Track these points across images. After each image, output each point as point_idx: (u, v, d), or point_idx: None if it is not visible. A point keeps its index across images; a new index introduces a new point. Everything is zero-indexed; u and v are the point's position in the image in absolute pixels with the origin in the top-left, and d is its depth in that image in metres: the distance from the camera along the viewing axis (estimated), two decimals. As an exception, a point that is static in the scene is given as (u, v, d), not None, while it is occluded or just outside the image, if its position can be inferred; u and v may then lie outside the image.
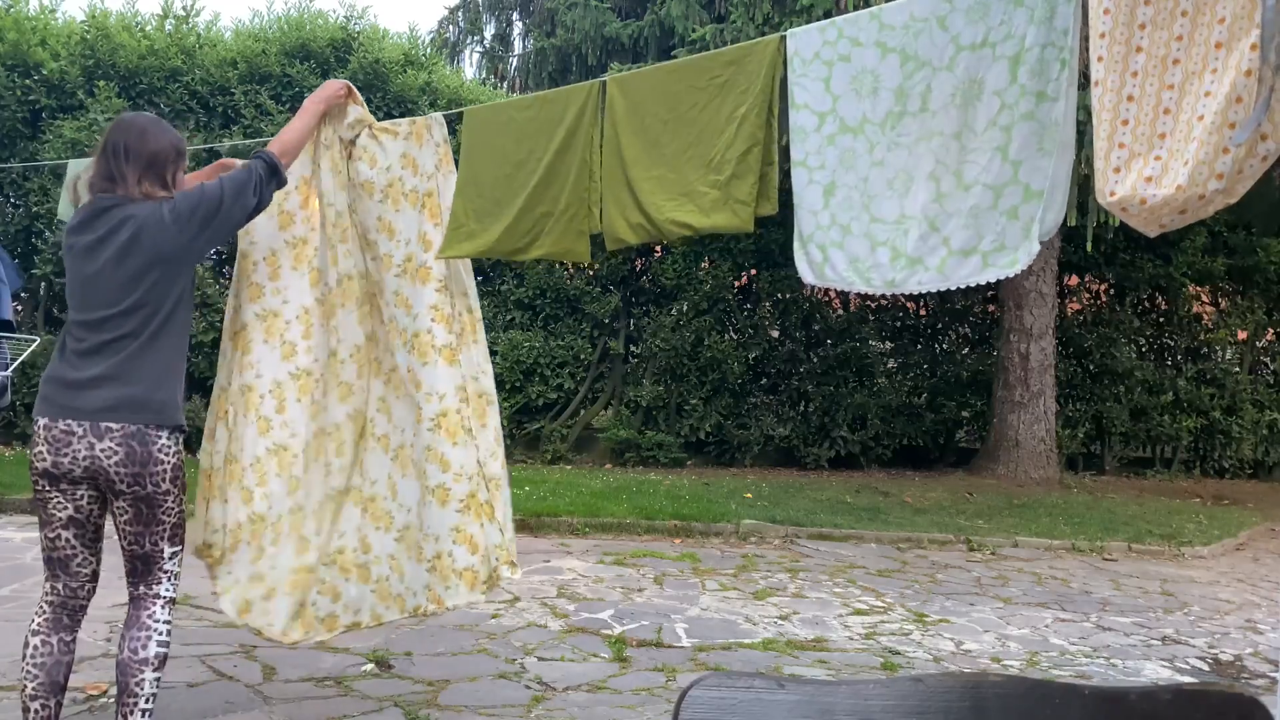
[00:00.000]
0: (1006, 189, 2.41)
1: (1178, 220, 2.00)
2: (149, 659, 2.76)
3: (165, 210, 2.72)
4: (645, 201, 3.04)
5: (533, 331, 10.27)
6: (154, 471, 2.69)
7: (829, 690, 1.12)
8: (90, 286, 2.72)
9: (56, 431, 2.67)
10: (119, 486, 2.68)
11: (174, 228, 2.72)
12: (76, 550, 2.78)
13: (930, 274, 2.52)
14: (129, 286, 2.69)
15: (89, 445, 2.64)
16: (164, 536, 2.79)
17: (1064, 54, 2.33)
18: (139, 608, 2.80)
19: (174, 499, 2.77)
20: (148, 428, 2.68)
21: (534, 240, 3.34)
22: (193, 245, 2.79)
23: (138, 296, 2.69)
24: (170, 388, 2.77)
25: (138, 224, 2.69)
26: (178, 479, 2.77)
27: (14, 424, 9.35)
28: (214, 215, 2.79)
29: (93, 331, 2.70)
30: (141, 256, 2.69)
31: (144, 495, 2.70)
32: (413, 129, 3.38)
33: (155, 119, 2.89)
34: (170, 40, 9.75)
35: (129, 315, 2.69)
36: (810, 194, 2.74)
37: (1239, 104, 1.83)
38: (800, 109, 2.74)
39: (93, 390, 2.66)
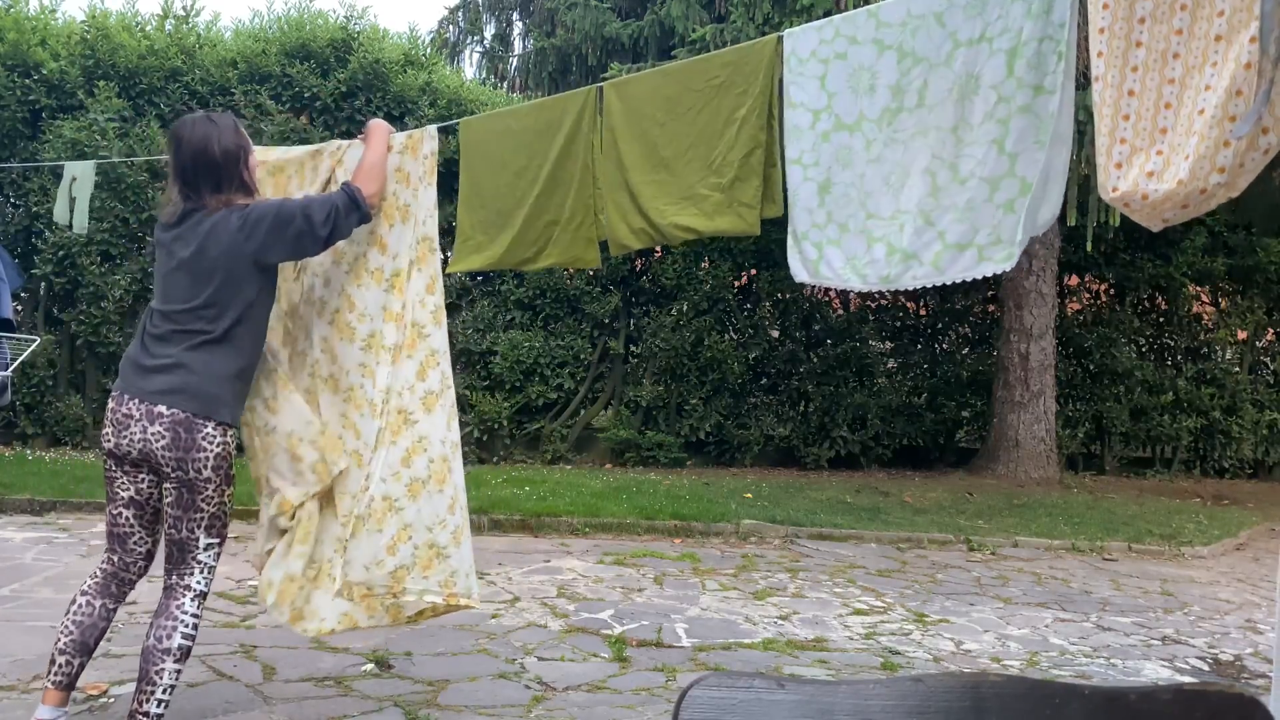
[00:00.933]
0: (1003, 182, 2.42)
1: (1180, 215, 2.00)
2: (171, 649, 2.86)
3: (235, 217, 2.89)
4: (646, 206, 3.04)
5: (533, 331, 10.27)
6: (196, 458, 2.84)
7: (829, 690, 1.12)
8: (169, 281, 2.94)
9: (120, 414, 2.87)
10: (165, 469, 2.86)
11: (240, 234, 2.88)
12: (134, 529, 3.02)
13: (925, 269, 2.53)
14: (199, 286, 2.87)
15: (143, 429, 2.83)
16: (200, 525, 2.92)
17: (1060, 47, 2.33)
18: (170, 597, 2.94)
19: (214, 488, 2.90)
20: (195, 416, 2.84)
21: (542, 249, 3.34)
22: (258, 255, 2.91)
23: (207, 296, 2.87)
24: (226, 385, 2.92)
25: (210, 227, 2.88)
26: (220, 469, 2.90)
27: (14, 424, 9.34)
28: (283, 231, 2.92)
29: (167, 321, 2.91)
30: (209, 259, 2.87)
31: (186, 480, 2.85)
32: (408, 142, 3.34)
33: (213, 122, 2.94)
34: (170, 40, 9.75)
35: (199, 312, 2.88)
36: (805, 191, 2.74)
37: (1239, 97, 1.83)
38: (795, 107, 2.75)
39: (156, 375, 2.86)
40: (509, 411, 10.10)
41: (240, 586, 5.16)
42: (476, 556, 6.23)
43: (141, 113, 9.50)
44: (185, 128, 2.92)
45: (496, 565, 6.00)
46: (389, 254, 3.32)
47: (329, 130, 9.67)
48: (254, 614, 4.71)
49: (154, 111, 9.51)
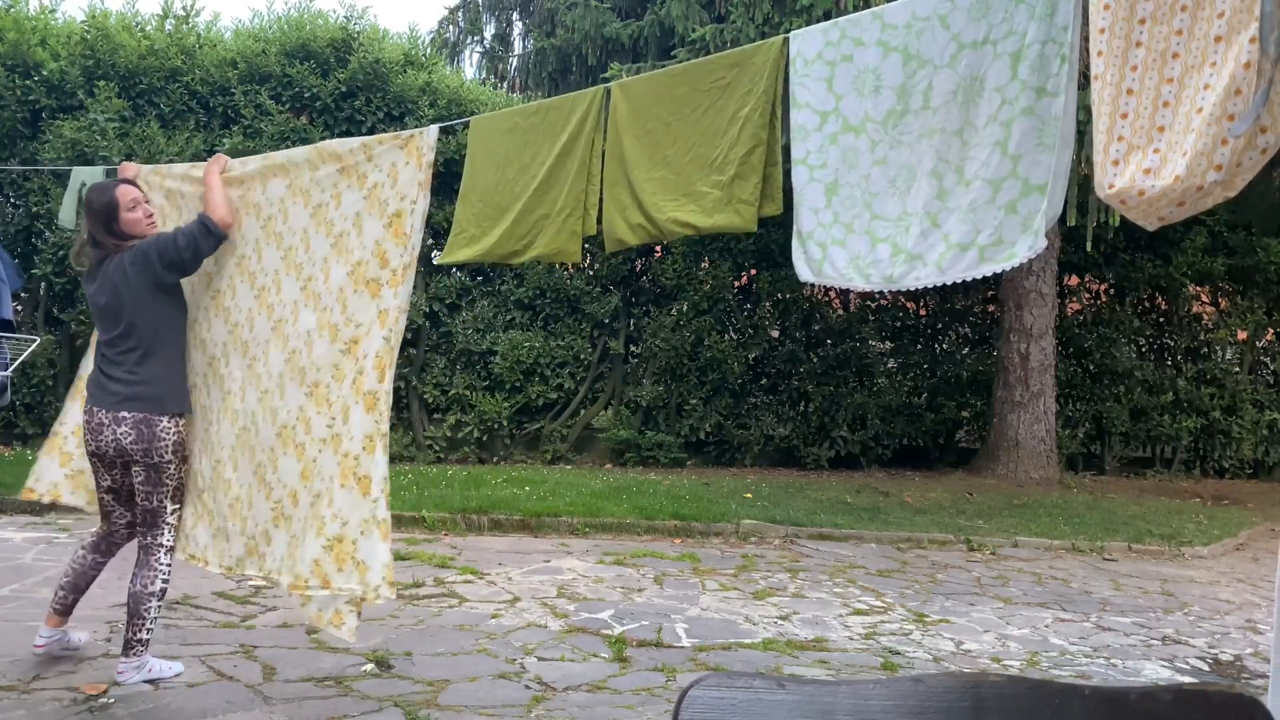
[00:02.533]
0: (1005, 183, 2.42)
1: (1176, 213, 2.00)
2: (155, 592, 3.64)
3: (127, 258, 3.63)
4: (646, 202, 3.04)
5: (533, 331, 10.26)
6: (158, 447, 3.61)
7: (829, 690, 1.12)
8: (99, 318, 3.73)
9: (93, 424, 3.63)
10: (135, 459, 3.62)
11: (132, 269, 3.61)
12: (114, 507, 3.85)
13: (929, 269, 2.53)
14: (118, 315, 3.64)
15: (112, 431, 3.59)
16: (167, 495, 3.69)
17: (1064, 49, 2.33)
18: (148, 554, 3.68)
19: (175, 466, 3.68)
20: (151, 414, 3.60)
21: (530, 243, 3.35)
22: (154, 281, 3.63)
23: (126, 322, 3.63)
24: (167, 384, 3.68)
25: (112, 268, 3.64)
26: (178, 451, 3.67)
27: (14, 424, 9.35)
28: (165, 257, 3.62)
29: (109, 348, 3.68)
30: (118, 293, 3.62)
31: (153, 464, 3.62)
32: (409, 142, 3.38)
33: (95, 188, 3.75)
34: (170, 40, 9.75)
35: (126, 336, 3.64)
36: (811, 192, 2.74)
37: (1238, 96, 1.83)
38: (802, 108, 2.75)
39: (114, 388, 3.62)
40: (509, 411, 10.10)
41: (240, 586, 5.16)
42: (477, 556, 6.26)
43: (141, 113, 9.49)
44: (86, 193, 3.77)
45: (496, 565, 6.00)
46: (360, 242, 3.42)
47: (329, 130, 9.68)
48: (254, 614, 4.71)
49: (154, 111, 9.51)
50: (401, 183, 3.36)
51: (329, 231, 3.50)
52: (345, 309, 3.42)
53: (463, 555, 6.23)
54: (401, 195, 3.35)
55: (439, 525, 6.99)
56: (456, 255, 3.54)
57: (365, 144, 3.46)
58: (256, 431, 3.62)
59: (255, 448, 3.62)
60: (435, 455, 10.03)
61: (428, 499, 7.39)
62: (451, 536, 6.84)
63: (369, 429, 3.32)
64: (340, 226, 3.47)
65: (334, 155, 3.52)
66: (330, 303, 3.46)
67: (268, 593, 5.08)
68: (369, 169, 3.42)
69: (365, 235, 3.40)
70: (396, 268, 3.35)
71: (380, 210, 3.38)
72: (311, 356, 3.47)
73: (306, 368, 3.48)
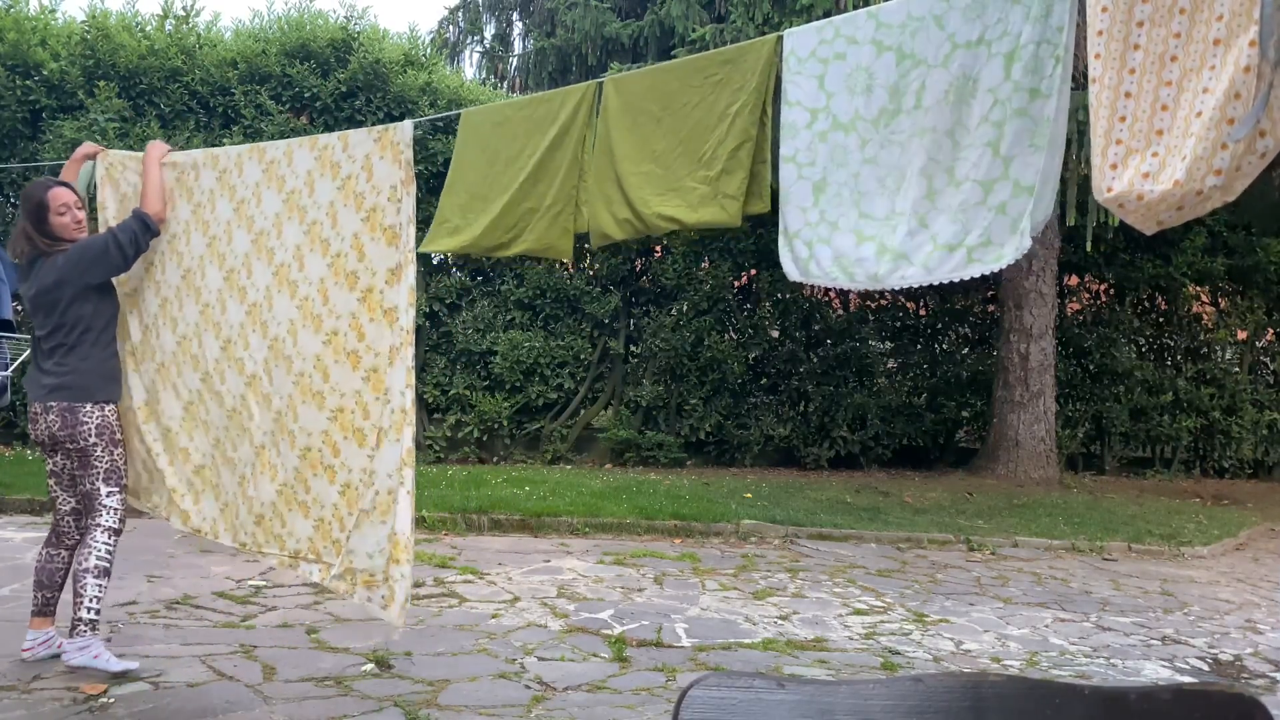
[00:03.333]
0: (996, 184, 2.42)
1: (1175, 217, 2.00)
2: (90, 569, 3.70)
3: (60, 259, 3.74)
4: (633, 197, 3.04)
5: (533, 331, 10.27)
6: (80, 432, 3.76)
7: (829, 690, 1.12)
8: (32, 311, 3.84)
9: (31, 414, 3.83)
10: (64, 445, 3.79)
11: (65, 268, 3.73)
12: (58, 493, 3.95)
13: (915, 269, 2.52)
14: (50, 312, 3.78)
15: (44, 420, 3.78)
16: (99, 478, 3.80)
17: (1058, 50, 2.33)
18: (88, 534, 3.77)
19: (102, 449, 3.79)
20: (74, 403, 3.76)
21: (517, 236, 3.33)
22: (83, 280, 3.75)
23: (56, 319, 3.77)
24: (92, 374, 3.79)
25: (44, 267, 3.77)
26: (103, 434, 3.79)
27: (14, 424, 9.34)
28: (99, 258, 3.74)
29: (43, 341, 3.84)
30: (51, 291, 3.74)
31: (79, 448, 3.77)
32: (383, 135, 3.29)
33: (32, 184, 3.83)
34: (170, 40, 9.75)
35: (56, 331, 3.78)
36: (799, 190, 2.74)
37: (1237, 100, 1.83)
38: (793, 106, 2.75)
39: (44, 379, 3.80)
40: (509, 411, 10.10)
41: (240, 586, 5.16)
42: (477, 556, 6.26)
43: (141, 113, 9.49)
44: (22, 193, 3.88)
45: (496, 565, 6.00)
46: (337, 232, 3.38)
47: (329, 130, 9.66)
48: (254, 614, 4.71)
49: (154, 111, 9.51)
50: (377, 177, 3.29)
51: (302, 219, 3.48)
52: (327, 300, 3.40)
53: (463, 555, 6.23)
54: (377, 190, 3.28)
55: (439, 525, 6.99)
56: (438, 244, 3.53)
57: (342, 135, 3.44)
58: (250, 415, 3.63)
59: (251, 430, 3.63)
60: (435, 455, 10.03)
61: (428, 499, 7.39)
62: (451, 536, 6.84)
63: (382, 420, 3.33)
64: (313, 215, 3.45)
65: (312, 143, 3.50)
66: (311, 293, 3.44)
67: (268, 592, 5.08)
68: (343, 159, 3.38)
69: (341, 227, 3.37)
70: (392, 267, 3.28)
71: (357, 203, 3.33)
72: (296, 346, 3.48)
73: (293, 357, 3.48)
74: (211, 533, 3.85)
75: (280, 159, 3.57)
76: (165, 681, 3.75)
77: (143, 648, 4.14)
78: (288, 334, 3.50)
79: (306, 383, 3.43)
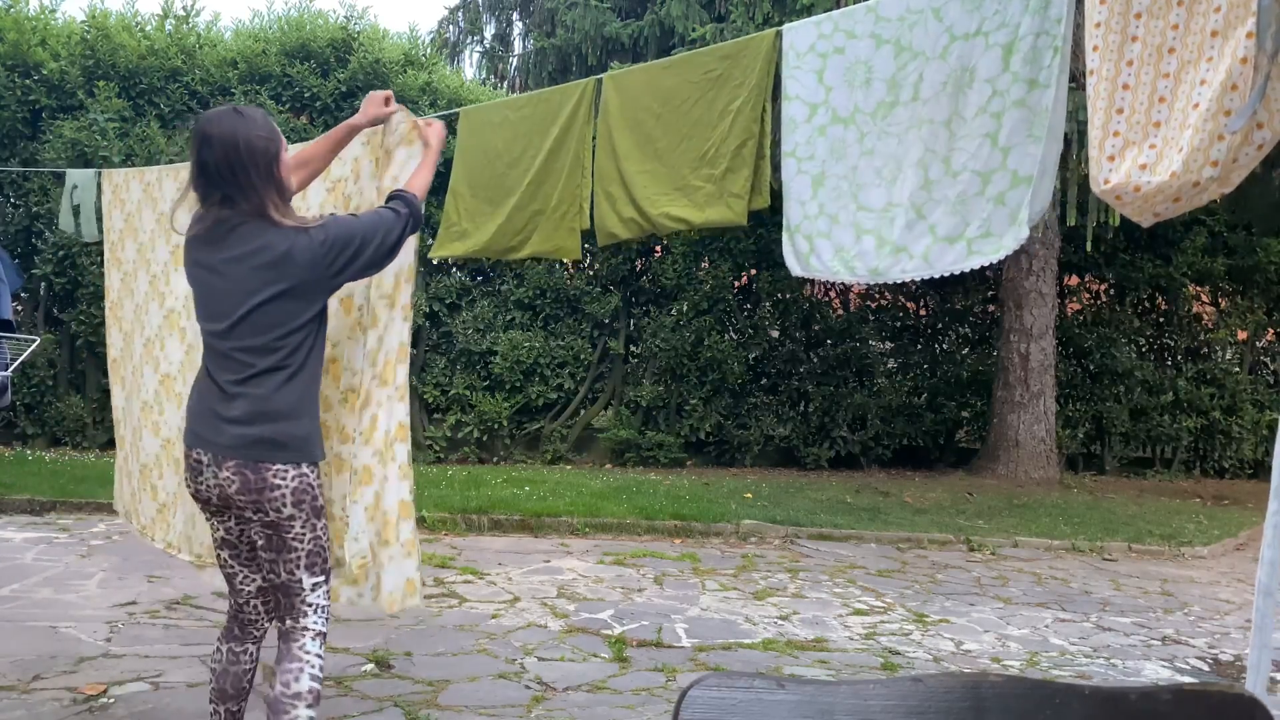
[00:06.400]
0: (995, 175, 2.42)
1: (1172, 209, 2.00)
2: (302, 693, 2.59)
3: (313, 238, 2.52)
4: (638, 196, 3.03)
5: (533, 331, 10.26)
6: (272, 497, 2.54)
7: (829, 690, 1.12)
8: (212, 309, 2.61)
9: (192, 459, 2.62)
10: (244, 511, 2.58)
11: (325, 257, 2.53)
12: (235, 569, 2.80)
13: (915, 261, 2.53)
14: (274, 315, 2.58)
15: (214, 474, 2.56)
16: (299, 565, 2.63)
17: (1056, 42, 2.34)
18: (288, 641, 2.67)
19: (301, 524, 2.60)
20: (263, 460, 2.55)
21: (526, 239, 3.33)
22: (340, 277, 2.62)
23: (289, 326, 2.57)
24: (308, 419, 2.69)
25: (286, 249, 2.50)
26: (301, 503, 2.57)
27: (14, 424, 9.34)
28: (367, 251, 2.60)
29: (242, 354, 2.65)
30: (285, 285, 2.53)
31: (269, 521, 2.57)
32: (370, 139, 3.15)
33: (242, 115, 2.53)
34: (170, 40, 9.75)
35: (275, 344, 2.56)
36: (799, 184, 2.74)
37: (1234, 91, 1.83)
38: (792, 100, 2.75)
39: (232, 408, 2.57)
40: (509, 411, 10.10)
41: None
42: (477, 556, 6.25)
43: (141, 113, 9.49)
44: (212, 123, 2.51)
45: (496, 565, 6.00)
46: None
47: (328, 130, 9.67)
48: (254, 614, 4.71)
49: (154, 111, 9.51)
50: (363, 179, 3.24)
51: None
52: None
53: (463, 555, 6.23)
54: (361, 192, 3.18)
55: (439, 525, 6.98)
56: (447, 250, 3.52)
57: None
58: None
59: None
60: (435, 455, 10.03)
61: (428, 499, 7.39)
62: (451, 536, 6.84)
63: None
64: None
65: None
66: None
67: (268, 593, 5.08)
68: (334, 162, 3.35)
69: None
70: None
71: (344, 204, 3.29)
72: None
73: None
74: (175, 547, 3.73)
75: None
76: (165, 682, 3.75)
77: (143, 648, 4.14)
78: None
79: None
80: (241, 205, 2.51)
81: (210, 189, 2.52)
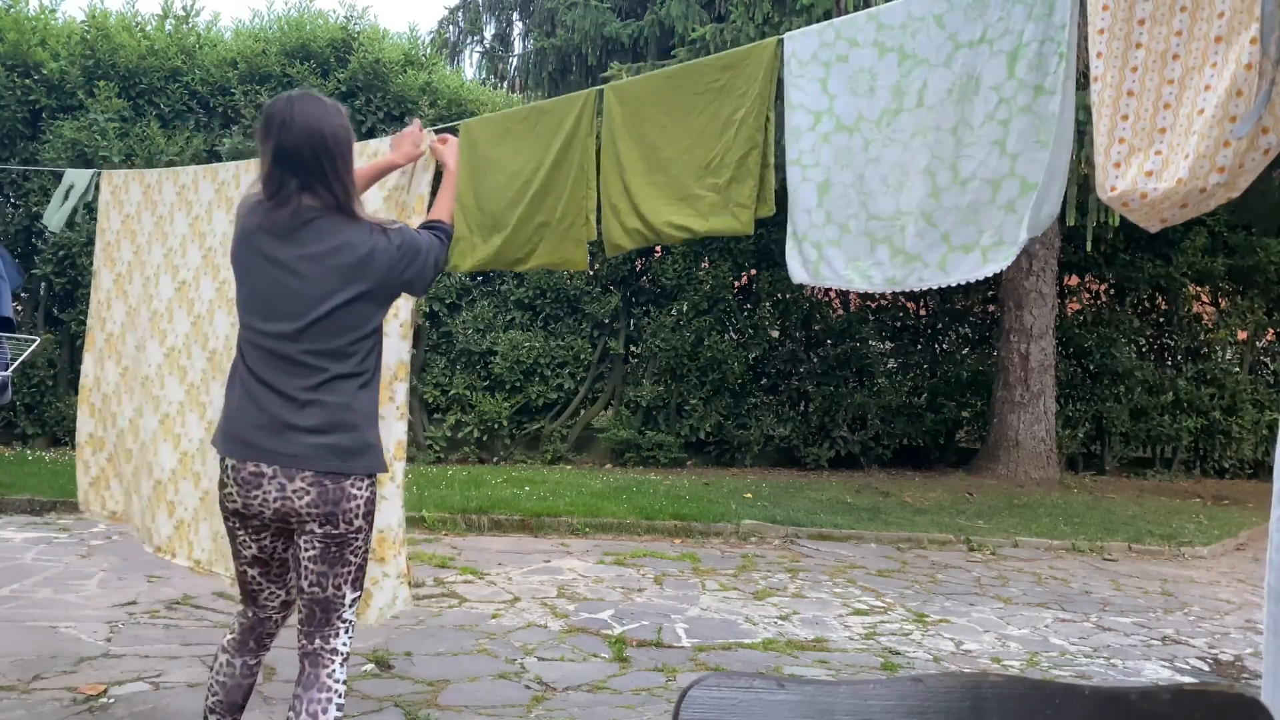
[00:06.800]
0: (1004, 182, 2.42)
1: (1178, 215, 2.00)
2: None
3: (391, 241, 2.45)
4: (643, 207, 3.04)
5: (533, 331, 10.27)
6: (348, 509, 2.41)
7: (829, 690, 1.12)
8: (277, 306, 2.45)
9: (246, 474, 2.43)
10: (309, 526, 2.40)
11: (400, 263, 2.46)
12: (263, 586, 2.63)
13: (931, 270, 2.53)
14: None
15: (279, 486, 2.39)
16: (347, 579, 2.47)
17: (1061, 48, 2.34)
18: (317, 665, 2.46)
19: (364, 537, 2.48)
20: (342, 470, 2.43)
21: (533, 250, 3.35)
22: (406, 289, 2.57)
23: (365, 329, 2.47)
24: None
25: (370, 249, 2.41)
26: (369, 514, 2.48)
27: (14, 424, 9.34)
28: (429, 266, 2.56)
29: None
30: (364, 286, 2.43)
31: (337, 534, 2.42)
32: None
33: (322, 101, 2.39)
34: (170, 40, 9.75)
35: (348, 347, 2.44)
36: (804, 192, 2.74)
37: (1239, 97, 1.83)
38: (796, 109, 2.75)
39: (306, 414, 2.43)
40: (509, 411, 10.10)
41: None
42: (477, 556, 6.26)
43: (141, 113, 9.49)
44: (294, 108, 2.35)
45: (496, 565, 6.00)
46: None
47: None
48: (254, 614, 4.71)
49: (154, 111, 9.51)
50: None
51: None
52: None
53: (463, 555, 6.23)
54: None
55: (439, 525, 6.99)
56: (464, 263, 3.56)
57: None
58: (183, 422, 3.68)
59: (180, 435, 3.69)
60: (435, 455, 10.03)
61: (428, 499, 7.39)
62: (451, 536, 6.84)
63: None
64: None
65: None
66: None
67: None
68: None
69: None
70: None
71: None
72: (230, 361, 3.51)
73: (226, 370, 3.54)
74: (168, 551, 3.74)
75: (229, 180, 3.70)
76: (165, 681, 3.75)
77: (143, 648, 4.14)
78: (223, 348, 3.58)
79: None
80: (322, 197, 2.37)
81: (288, 177, 2.35)
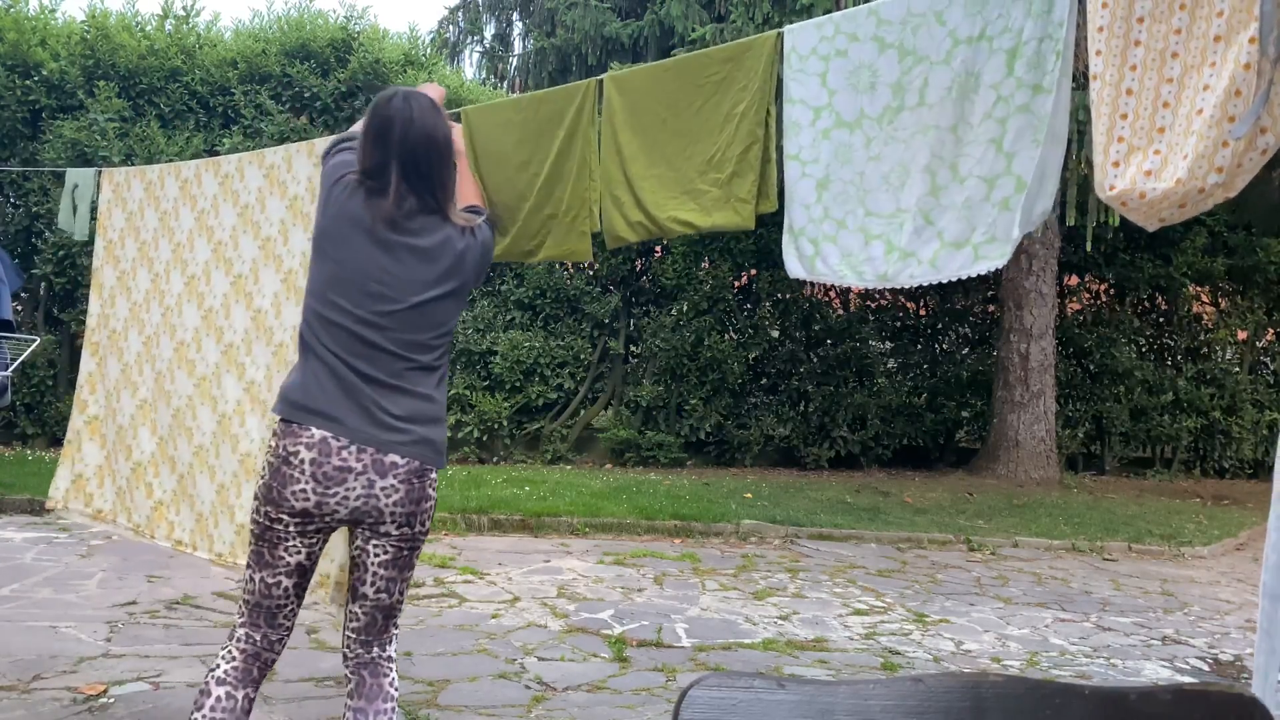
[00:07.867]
0: (999, 180, 2.42)
1: (1177, 214, 2.00)
2: None
3: (476, 239, 2.46)
4: (646, 200, 3.04)
5: (533, 331, 10.26)
6: (424, 509, 2.36)
7: (829, 690, 1.12)
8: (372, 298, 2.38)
9: (333, 466, 2.28)
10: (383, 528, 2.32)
11: (483, 261, 2.49)
12: (288, 601, 2.43)
13: (923, 267, 2.53)
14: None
15: (368, 482, 2.28)
16: (408, 583, 2.49)
17: (1059, 46, 2.34)
18: (377, 674, 2.41)
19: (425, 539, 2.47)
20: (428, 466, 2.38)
21: (541, 243, 3.36)
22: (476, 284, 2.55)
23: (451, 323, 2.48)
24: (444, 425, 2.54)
25: (465, 247, 2.42)
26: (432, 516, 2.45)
27: (14, 424, 9.34)
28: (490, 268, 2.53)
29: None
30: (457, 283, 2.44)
31: (411, 535, 2.37)
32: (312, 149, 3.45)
33: (438, 110, 2.42)
34: (170, 40, 9.75)
35: (434, 340, 2.42)
36: (803, 188, 2.74)
37: (1238, 97, 1.83)
38: (795, 104, 2.75)
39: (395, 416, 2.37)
40: (509, 411, 10.10)
41: (240, 586, 5.16)
42: (477, 556, 6.26)
43: (141, 113, 9.49)
44: (414, 112, 2.36)
45: (496, 565, 6.00)
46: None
47: (329, 130, 9.67)
48: (254, 614, 4.71)
49: (154, 111, 9.50)
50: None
51: (256, 234, 3.60)
52: (279, 315, 3.49)
53: (463, 555, 6.23)
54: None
55: (439, 525, 6.99)
56: None
57: (286, 154, 3.51)
58: (194, 416, 3.71)
59: (193, 430, 3.71)
60: (435, 455, 10.02)
61: (428, 499, 7.39)
62: (451, 536, 6.84)
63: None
64: (266, 231, 3.57)
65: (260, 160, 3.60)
66: (265, 305, 3.54)
67: (268, 593, 5.08)
68: (288, 179, 3.48)
69: (292, 244, 3.49)
70: None
71: (305, 222, 3.43)
72: (250, 354, 3.55)
73: (246, 364, 3.55)
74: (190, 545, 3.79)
75: (233, 173, 3.71)
76: (165, 681, 3.75)
77: (143, 648, 4.14)
78: (241, 342, 3.60)
79: (256, 390, 3.53)
80: (426, 199, 2.37)
81: (399, 175, 2.34)
